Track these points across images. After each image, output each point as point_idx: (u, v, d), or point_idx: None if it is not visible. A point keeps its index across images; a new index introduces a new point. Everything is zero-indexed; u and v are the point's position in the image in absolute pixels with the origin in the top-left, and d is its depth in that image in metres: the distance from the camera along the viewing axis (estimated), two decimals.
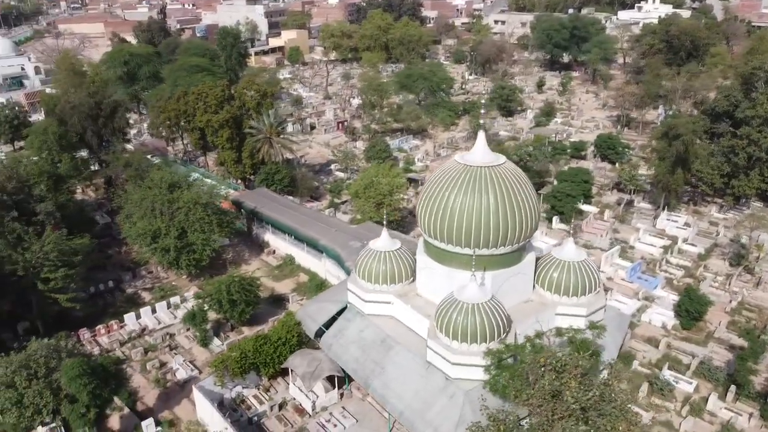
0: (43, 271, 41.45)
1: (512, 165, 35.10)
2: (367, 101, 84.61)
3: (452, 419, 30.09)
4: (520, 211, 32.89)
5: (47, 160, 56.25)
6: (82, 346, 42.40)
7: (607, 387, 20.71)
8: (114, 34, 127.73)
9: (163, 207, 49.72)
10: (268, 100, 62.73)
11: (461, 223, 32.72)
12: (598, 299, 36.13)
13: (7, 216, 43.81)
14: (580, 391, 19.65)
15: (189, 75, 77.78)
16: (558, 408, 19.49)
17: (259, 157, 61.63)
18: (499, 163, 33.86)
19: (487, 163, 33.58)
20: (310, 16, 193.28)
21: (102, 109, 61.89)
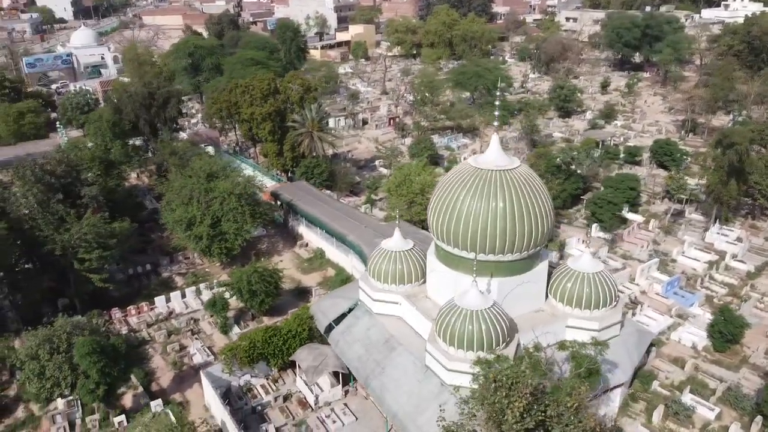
0: (79, 251, 43.84)
1: (527, 170, 34.00)
2: (418, 98, 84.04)
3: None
4: (530, 217, 31.85)
5: (100, 147, 59.33)
6: (112, 325, 44.76)
7: (560, 407, 19.63)
8: (187, 27, 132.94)
9: (200, 196, 51.44)
10: (311, 94, 63.52)
11: (467, 226, 32.05)
12: (614, 314, 34.48)
13: (53, 198, 46.48)
14: (525, 410, 18.76)
15: (244, 67, 79.93)
16: (503, 427, 18.70)
17: (300, 150, 62.55)
18: (512, 167, 32.89)
19: (499, 167, 32.68)
20: (380, 11, 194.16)
21: (155, 99, 64.58)
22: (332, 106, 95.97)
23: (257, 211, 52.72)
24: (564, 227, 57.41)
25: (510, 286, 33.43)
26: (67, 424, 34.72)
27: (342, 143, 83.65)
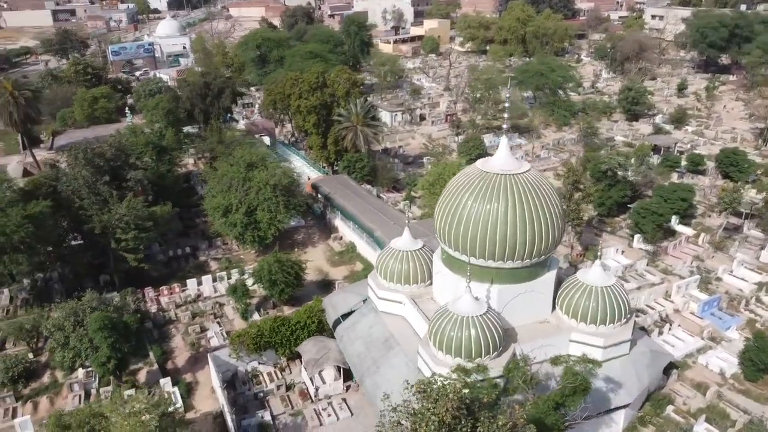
0: (117, 231, 46.43)
1: (536, 175, 32.81)
2: (475, 95, 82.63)
3: None
4: (534, 224, 30.79)
5: (155, 133, 62.40)
6: (143, 303, 47.15)
7: (493, 425, 18.75)
8: (263, 18, 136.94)
9: (239, 184, 53.10)
10: (356, 89, 63.88)
11: (467, 229, 31.40)
12: (622, 331, 32.73)
13: (100, 180, 49.43)
14: (445, 424, 18.09)
15: (303, 60, 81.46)
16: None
17: (343, 144, 63.15)
18: (520, 172, 31.85)
19: (506, 171, 31.74)
20: (458, 5, 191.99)
21: (210, 89, 67.10)
22: (391, 101, 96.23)
23: (291, 202, 53.73)
24: (606, 236, 54.91)
25: (511, 295, 32.49)
26: (83, 392, 37.02)
27: (395, 138, 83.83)
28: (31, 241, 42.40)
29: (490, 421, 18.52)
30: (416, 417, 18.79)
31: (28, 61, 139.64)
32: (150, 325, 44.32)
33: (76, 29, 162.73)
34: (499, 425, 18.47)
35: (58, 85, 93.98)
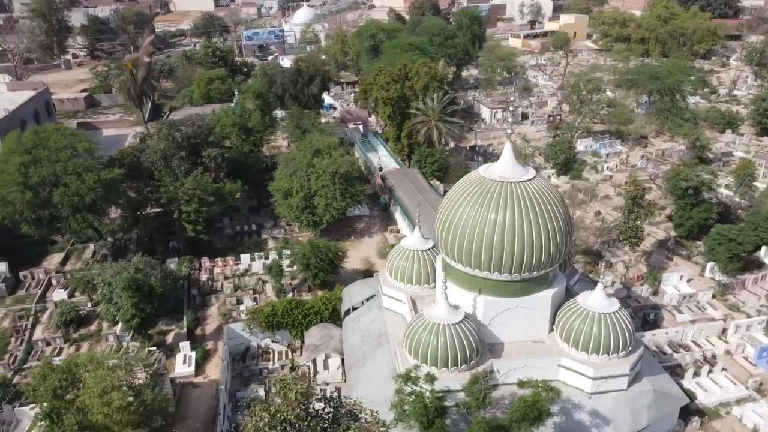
0: (181, 203, 50.53)
1: (540, 184, 30.66)
2: (572, 96, 77.95)
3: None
4: (529, 236, 29.01)
5: (245, 114, 66.46)
6: (197, 271, 50.91)
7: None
8: (390, 9, 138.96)
9: (302, 169, 55.25)
10: (435, 83, 63.15)
11: (455, 235, 30.36)
12: (619, 364, 29.86)
13: (177, 154, 53.98)
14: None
15: (401, 52, 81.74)
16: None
17: (417, 138, 62.97)
18: (521, 180, 30.08)
19: (505, 178, 30.18)
20: (605, 0, 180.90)
21: (302, 76, 70.00)
22: (494, 98, 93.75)
23: (349, 191, 54.80)
24: (679, 261, 49.81)
25: (499, 308, 31.03)
26: (116, 343, 41.12)
27: (489, 136, 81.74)
28: (102, 203, 47.54)
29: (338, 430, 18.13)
30: (269, 412, 18.89)
31: (182, 42, 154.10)
32: (195, 291, 47.87)
33: (229, 14, 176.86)
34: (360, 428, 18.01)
35: (190, 65, 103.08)
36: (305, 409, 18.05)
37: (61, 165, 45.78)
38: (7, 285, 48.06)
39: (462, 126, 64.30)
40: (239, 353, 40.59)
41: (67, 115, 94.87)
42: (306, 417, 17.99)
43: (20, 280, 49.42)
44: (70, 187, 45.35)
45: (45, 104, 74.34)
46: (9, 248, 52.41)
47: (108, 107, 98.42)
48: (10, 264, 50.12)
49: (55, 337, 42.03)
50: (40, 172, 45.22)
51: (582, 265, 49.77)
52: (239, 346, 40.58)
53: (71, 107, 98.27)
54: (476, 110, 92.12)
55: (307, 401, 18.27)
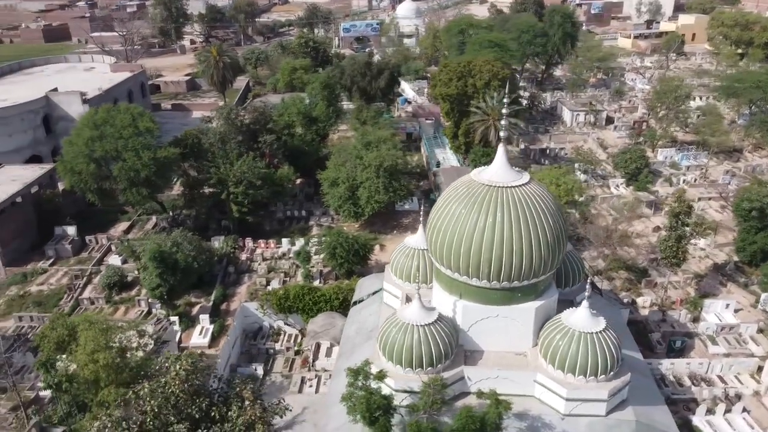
0: (230, 185, 53.32)
1: (533, 190, 29.32)
2: (656, 102, 72.63)
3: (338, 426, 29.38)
4: (509, 244, 28.02)
5: (312, 104, 68.56)
6: (240, 251, 53.51)
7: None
8: (492, 5, 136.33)
9: (351, 160, 56.33)
10: (496, 81, 61.47)
11: (439, 237, 29.87)
12: (597, 388, 28.06)
13: (234, 138, 56.95)
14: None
15: (480, 49, 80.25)
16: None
17: (474, 137, 61.86)
18: (511, 185, 29.03)
19: (494, 182, 29.29)
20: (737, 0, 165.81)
21: (370, 69, 70.95)
22: (578, 100, 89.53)
23: (392, 185, 55.09)
24: (733, 288, 45.47)
25: (479, 315, 30.23)
26: (147, 309, 44.45)
27: (565, 139, 78.36)
28: (156, 179, 51.28)
29: (222, 410, 18.63)
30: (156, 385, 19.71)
31: (291, 32, 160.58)
32: (232, 269, 50.48)
33: (342, 6, 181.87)
34: (234, 416, 18.42)
35: (284, 55, 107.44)
36: (191, 385, 18.83)
37: (123, 141, 49.91)
38: (73, 247, 53.26)
39: (516, 126, 61.99)
40: (252, 331, 42.41)
41: (168, 97, 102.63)
42: (193, 393, 18.81)
43: (86, 243, 54.52)
44: (127, 162, 49.40)
45: (140, 85, 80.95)
46: (84, 214, 57.98)
47: (206, 91, 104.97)
48: (81, 228, 55.42)
49: (99, 298, 46.18)
50: (103, 146, 49.65)
51: (621, 281, 46.91)
52: (253, 325, 42.43)
53: (174, 89, 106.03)
54: (558, 112, 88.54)
55: (195, 378, 19.00)
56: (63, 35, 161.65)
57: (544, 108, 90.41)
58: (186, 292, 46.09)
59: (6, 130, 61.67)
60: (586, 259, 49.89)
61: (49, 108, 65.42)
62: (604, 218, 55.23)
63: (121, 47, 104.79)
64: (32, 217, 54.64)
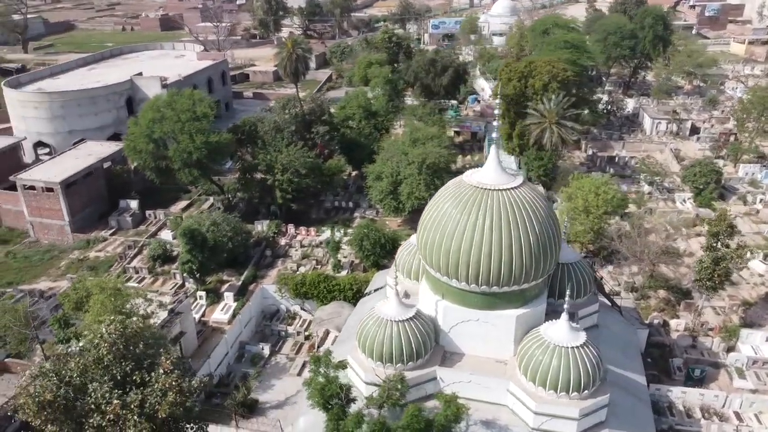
0: (276, 171, 55.43)
1: (525, 195, 28.45)
2: (741, 114, 66.72)
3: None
4: (488, 247, 27.54)
5: (374, 98, 69.47)
6: (281, 236, 55.51)
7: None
8: (589, 3, 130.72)
9: (397, 156, 56.77)
10: (555, 83, 59.16)
11: (425, 235, 29.81)
12: (569, 406, 26.90)
13: (288, 128, 59.04)
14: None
15: (555, 49, 77.34)
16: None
17: (527, 139, 60.08)
18: (500, 187, 28.39)
19: (483, 184, 28.79)
20: None
21: (434, 66, 70.77)
22: (660, 107, 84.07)
23: (435, 183, 54.81)
24: None
25: (459, 317, 29.90)
26: (181, 282, 47.40)
27: (640, 148, 74.13)
28: (207, 162, 54.29)
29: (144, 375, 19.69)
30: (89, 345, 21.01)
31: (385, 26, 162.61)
32: (269, 252, 52.55)
33: (443, 4, 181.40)
34: (159, 376, 19.40)
35: (369, 49, 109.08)
36: (118, 349, 20.14)
37: (180, 125, 53.27)
38: (133, 219, 57.66)
39: (573, 131, 59.37)
40: (270, 313, 44.11)
41: (255, 85, 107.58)
42: (120, 356, 20.13)
43: (146, 217, 58.80)
44: (181, 144, 52.72)
45: (221, 73, 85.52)
46: (150, 190, 62.41)
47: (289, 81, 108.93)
48: (144, 203, 59.82)
49: (143, 268, 49.82)
50: (162, 128, 53.30)
51: (657, 301, 44.09)
52: (271, 307, 44.14)
53: (261, 79, 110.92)
54: (640, 119, 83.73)
55: (121, 342, 20.28)
56: (177, 24, 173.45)
57: (625, 114, 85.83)
58: (219, 270, 48.64)
59: (93, 109, 67.72)
60: (624, 274, 47.40)
61: (132, 90, 70.95)
62: (657, 233, 51.93)
63: (215, 37, 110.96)
64: (103, 190, 59.67)
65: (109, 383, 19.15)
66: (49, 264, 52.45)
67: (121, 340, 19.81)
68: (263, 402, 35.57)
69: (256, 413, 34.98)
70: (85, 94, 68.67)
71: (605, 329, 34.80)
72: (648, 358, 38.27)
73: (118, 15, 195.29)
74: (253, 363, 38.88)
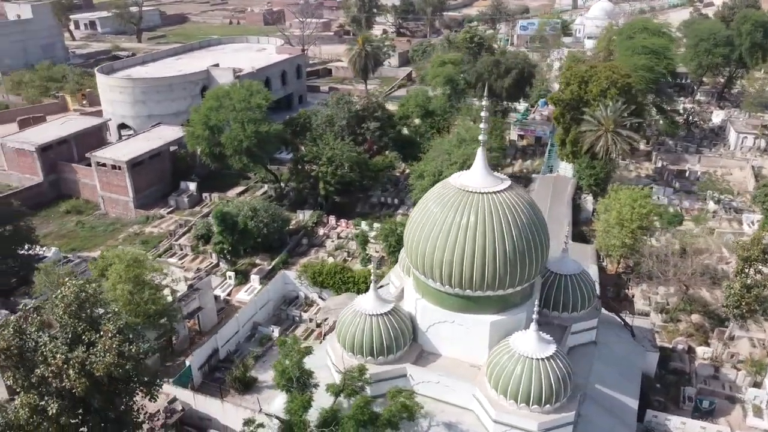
0: (320, 163, 57.15)
1: (508, 200, 27.99)
2: None
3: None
4: (460, 250, 27.41)
5: (427, 97, 69.63)
6: (321, 226, 57.16)
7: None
8: (694, 8, 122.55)
9: (441, 155, 56.82)
10: (613, 90, 56.37)
11: (408, 234, 30.05)
12: (528, 417, 26.23)
13: (339, 123, 60.58)
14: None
15: (633, 54, 73.53)
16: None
17: (581, 147, 57.86)
18: (483, 191, 28.11)
19: (465, 186, 28.64)
20: None
21: (498, 67, 69.71)
22: (749, 121, 77.61)
23: None
24: None
25: (435, 318, 29.97)
26: (216, 262, 50.20)
27: (717, 163, 69.14)
28: (256, 150, 56.87)
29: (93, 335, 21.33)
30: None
31: (477, 26, 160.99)
32: (305, 241, 54.41)
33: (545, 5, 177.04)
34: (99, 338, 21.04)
35: (450, 49, 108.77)
36: (73, 310, 21.98)
37: (234, 114, 56.23)
38: (190, 200, 61.56)
39: (629, 141, 56.29)
40: (290, 299, 45.76)
41: (337, 81, 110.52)
42: (75, 317, 21.98)
43: (202, 199, 62.56)
44: (233, 132, 55.67)
45: (296, 68, 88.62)
46: (212, 175, 66.23)
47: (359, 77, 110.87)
48: (202, 186, 63.66)
49: (188, 246, 53.20)
50: (217, 116, 56.52)
51: (686, 325, 41.36)
52: (291, 293, 45.73)
53: (343, 74, 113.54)
54: (726, 132, 77.83)
55: (80, 303, 22.10)
56: (279, 19, 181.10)
57: (710, 126, 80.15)
58: (254, 254, 51.05)
59: (170, 95, 72.81)
60: (658, 294, 44.78)
61: (207, 80, 75.46)
62: (710, 255, 48.59)
63: (299, 32, 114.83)
64: (167, 171, 64.12)
65: (61, 340, 21.23)
66: (109, 235, 57.26)
67: (75, 302, 21.89)
68: (261, 381, 37.16)
69: (252, 390, 36.63)
70: (163, 81, 73.98)
71: (604, 347, 33.38)
72: (660, 383, 36.18)
73: (228, 9, 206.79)
74: (261, 344, 40.63)
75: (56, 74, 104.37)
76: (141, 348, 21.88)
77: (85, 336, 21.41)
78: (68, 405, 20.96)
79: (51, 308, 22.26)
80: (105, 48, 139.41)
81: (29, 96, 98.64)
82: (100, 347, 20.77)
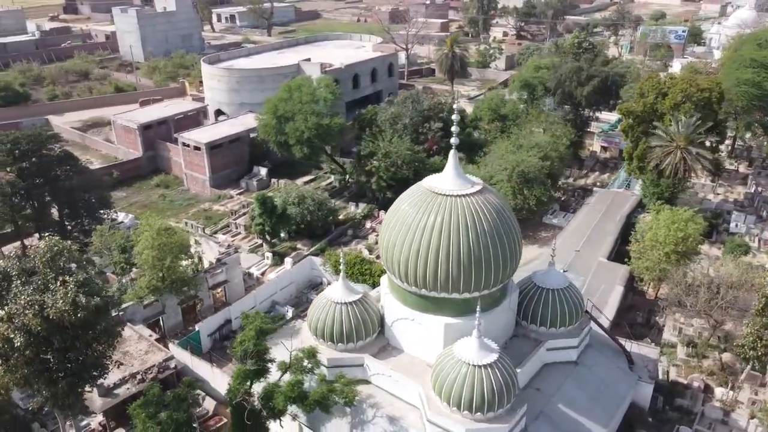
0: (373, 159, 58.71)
1: (478, 205, 27.83)
2: None
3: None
4: (415, 250, 27.71)
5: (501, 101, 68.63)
6: (370, 219, 58.77)
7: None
8: None
9: (496, 160, 56.37)
10: (688, 104, 52.01)
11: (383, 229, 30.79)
12: (458, 422, 26.15)
13: (401, 121, 61.78)
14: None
15: (739, 68, 66.90)
16: None
17: (648, 162, 54.28)
18: (448, 193, 28.27)
19: (434, 187, 28.87)
20: None
21: (580, 75, 67.11)
22: None
23: (523, 193, 53.22)
24: None
25: (396, 314, 30.61)
26: (260, 242, 53.65)
27: None
28: (317, 142, 59.64)
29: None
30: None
31: (601, 32, 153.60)
32: (350, 232, 56.39)
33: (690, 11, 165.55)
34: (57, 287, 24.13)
35: (557, 54, 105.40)
36: (55, 264, 25.26)
37: (299, 106, 59.44)
38: (259, 184, 65.91)
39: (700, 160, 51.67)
40: (315, 284, 47.89)
41: (437, 80, 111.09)
42: (48, 265, 25.24)
43: (270, 183, 66.66)
44: (296, 123, 58.89)
45: (388, 66, 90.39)
46: (287, 162, 70.14)
47: (469, 78, 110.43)
48: (273, 172, 67.85)
49: (241, 225, 57.27)
50: (284, 107, 60.03)
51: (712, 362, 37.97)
52: (317, 278, 47.85)
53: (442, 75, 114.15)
54: None
55: (52, 255, 25.32)
56: (404, 18, 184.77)
57: None
58: (297, 239, 53.92)
59: (261, 86, 77.81)
60: (692, 325, 41.37)
61: (297, 73, 79.48)
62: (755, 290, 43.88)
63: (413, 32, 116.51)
64: (245, 155, 69.05)
65: (34, 286, 24.76)
66: (183, 209, 63.03)
67: (48, 254, 25.34)
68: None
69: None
70: (255, 73, 79.29)
71: (584, 368, 31.95)
72: (655, 418, 33.85)
73: (359, 7, 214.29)
74: (273, 321, 43.07)
75: (187, 62, 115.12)
76: (93, 301, 24.85)
77: (51, 285, 24.82)
78: (32, 341, 24.49)
79: (32, 258, 26.00)
80: (237, 40, 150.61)
81: (158, 81, 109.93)
82: (58, 295, 24.02)
